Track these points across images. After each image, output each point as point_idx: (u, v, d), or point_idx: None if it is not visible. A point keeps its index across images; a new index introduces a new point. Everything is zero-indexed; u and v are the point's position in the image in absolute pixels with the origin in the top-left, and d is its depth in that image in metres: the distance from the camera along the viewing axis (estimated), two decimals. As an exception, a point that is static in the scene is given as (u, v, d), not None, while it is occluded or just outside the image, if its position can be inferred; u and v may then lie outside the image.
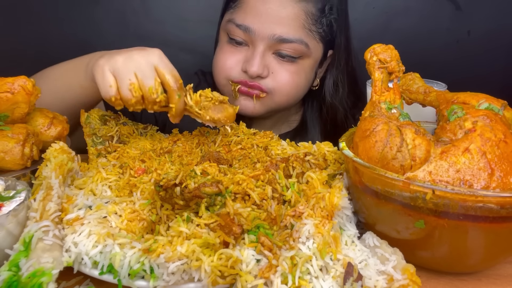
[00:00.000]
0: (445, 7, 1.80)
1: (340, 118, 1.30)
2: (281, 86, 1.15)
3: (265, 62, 1.13)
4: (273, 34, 1.09)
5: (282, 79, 1.15)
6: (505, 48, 1.84)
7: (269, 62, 1.14)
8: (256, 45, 1.12)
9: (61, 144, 0.76)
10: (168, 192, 0.63)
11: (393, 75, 0.75)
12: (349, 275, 0.57)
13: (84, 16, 1.72)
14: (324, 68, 1.29)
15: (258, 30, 1.10)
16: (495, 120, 0.65)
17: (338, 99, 1.29)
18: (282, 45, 1.11)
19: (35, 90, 0.85)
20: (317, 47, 1.18)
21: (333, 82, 1.28)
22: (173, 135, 0.96)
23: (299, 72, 1.17)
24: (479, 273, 0.68)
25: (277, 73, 1.14)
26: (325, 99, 1.29)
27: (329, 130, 1.32)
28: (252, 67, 1.11)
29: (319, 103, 1.33)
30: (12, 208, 0.62)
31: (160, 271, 0.57)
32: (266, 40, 1.10)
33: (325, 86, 1.29)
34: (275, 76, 1.14)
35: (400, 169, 0.62)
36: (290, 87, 1.16)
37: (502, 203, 0.55)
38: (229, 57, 1.16)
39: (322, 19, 1.15)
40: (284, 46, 1.11)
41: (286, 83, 1.15)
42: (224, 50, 1.18)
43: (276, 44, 1.11)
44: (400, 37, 1.76)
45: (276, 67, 1.14)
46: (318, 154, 0.82)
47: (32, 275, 0.52)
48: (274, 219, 0.65)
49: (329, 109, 1.30)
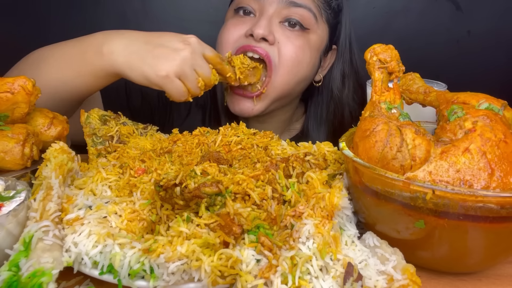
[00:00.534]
0: (445, 7, 1.80)
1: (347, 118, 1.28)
2: (284, 61, 1.11)
3: (272, 28, 1.10)
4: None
5: (287, 51, 1.11)
6: (505, 48, 1.84)
7: (276, 30, 1.11)
8: (265, 10, 1.10)
9: (61, 144, 0.75)
10: (168, 192, 0.63)
11: (393, 75, 0.75)
12: (349, 275, 0.57)
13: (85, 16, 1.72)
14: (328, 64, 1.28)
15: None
16: (495, 120, 0.65)
17: (345, 94, 1.27)
18: (292, 9, 1.10)
19: (35, 90, 0.85)
20: (323, 26, 1.17)
21: (340, 75, 1.26)
22: (173, 135, 0.96)
23: (304, 48, 1.13)
24: (479, 273, 0.68)
25: (283, 44, 1.11)
26: (333, 94, 1.27)
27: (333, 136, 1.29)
28: (258, 28, 1.07)
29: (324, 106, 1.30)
30: (12, 208, 0.62)
31: (160, 271, 0.57)
32: (275, 4, 1.09)
33: (332, 79, 1.27)
34: (280, 46, 1.11)
35: (400, 169, 0.62)
36: (293, 62, 1.12)
37: (502, 203, 0.55)
38: (234, 30, 1.13)
39: (331, 1, 1.16)
40: (294, 11, 1.10)
41: (289, 57, 1.11)
42: (229, 23, 1.16)
43: (285, 8, 1.10)
44: (400, 37, 1.76)
45: (282, 37, 1.11)
46: (318, 154, 0.82)
47: (32, 275, 0.52)
48: (274, 219, 0.65)
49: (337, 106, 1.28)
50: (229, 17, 1.20)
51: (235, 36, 1.12)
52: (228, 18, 1.20)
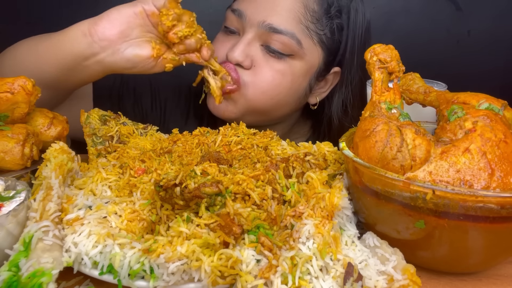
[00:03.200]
0: (445, 7, 1.80)
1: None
2: (259, 82, 1.04)
3: (250, 52, 1.05)
4: (263, 21, 1.02)
5: (263, 75, 1.04)
6: (505, 48, 1.85)
7: (255, 54, 1.05)
8: (245, 32, 1.05)
9: (61, 144, 0.75)
10: (168, 192, 0.63)
11: (393, 75, 0.75)
12: (349, 275, 0.57)
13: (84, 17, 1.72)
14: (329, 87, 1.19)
15: (250, 16, 1.03)
16: (495, 120, 0.65)
17: (347, 121, 1.18)
18: (271, 35, 1.02)
19: (35, 90, 0.85)
20: (313, 49, 1.08)
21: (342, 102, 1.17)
22: (173, 135, 0.96)
23: (285, 73, 1.06)
24: (479, 273, 0.68)
25: (260, 68, 1.04)
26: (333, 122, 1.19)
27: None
28: (233, 52, 1.03)
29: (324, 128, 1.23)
30: (12, 208, 0.62)
31: (160, 271, 0.57)
32: (255, 28, 1.03)
33: (333, 105, 1.18)
34: (256, 70, 1.04)
35: (400, 169, 0.62)
36: (268, 85, 1.05)
37: (502, 203, 0.55)
38: (218, 46, 1.09)
39: (326, 21, 1.07)
40: (273, 38, 1.02)
41: (265, 80, 1.04)
42: (216, 39, 1.13)
43: (265, 33, 1.03)
44: (400, 37, 1.76)
45: (260, 61, 1.05)
46: (318, 154, 0.82)
47: (32, 275, 0.52)
48: (274, 219, 0.65)
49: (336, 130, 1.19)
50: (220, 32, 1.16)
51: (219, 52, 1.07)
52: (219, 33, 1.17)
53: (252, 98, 1.06)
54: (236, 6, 1.09)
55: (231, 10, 1.09)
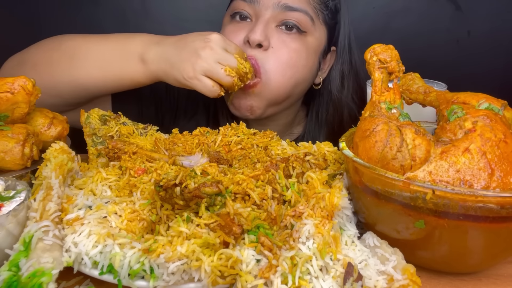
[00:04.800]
0: (445, 7, 1.80)
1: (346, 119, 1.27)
2: (278, 64, 1.10)
3: (268, 32, 1.10)
4: (278, 1, 1.08)
5: (281, 55, 1.10)
6: (505, 48, 1.84)
7: (271, 35, 1.10)
8: (261, 15, 1.10)
9: (61, 144, 0.75)
10: (168, 192, 0.63)
11: (393, 75, 0.75)
12: (349, 275, 0.57)
13: (84, 16, 1.72)
14: (328, 66, 1.27)
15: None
16: (495, 120, 0.65)
17: (345, 94, 1.26)
18: (287, 14, 1.09)
19: (35, 90, 0.85)
20: (321, 28, 1.16)
21: (339, 76, 1.26)
22: (173, 135, 0.96)
23: (300, 50, 1.12)
24: (479, 273, 0.68)
25: (277, 49, 1.10)
26: (332, 95, 1.27)
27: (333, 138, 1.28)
28: (254, 33, 1.07)
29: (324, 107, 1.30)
30: (12, 208, 0.62)
31: (160, 271, 0.57)
32: (271, 9, 1.09)
33: (331, 80, 1.26)
34: (275, 51, 1.10)
35: (400, 169, 0.62)
36: (287, 65, 1.11)
37: (502, 203, 0.55)
38: (233, 37, 1.12)
39: (328, 1, 1.15)
40: (289, 15, 1.09)
41: (284, 60, 1.10)
42: (227, 29, 1.15)
43: (281, 13, 1.09)
44: (400, 37, 1.76)
45: (277, 42, 1.10)
46: (318, 154, 0.82)
47: (32, 275, 0.52)
48: (274, 219, 0.65)
49: (336, 107, 1.27)
50: (226, 23, 1.19)
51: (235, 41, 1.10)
52: (225, 23, 1.19)
53: (274, 83, 1.11)
54: None
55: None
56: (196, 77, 0.96)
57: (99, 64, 1.04)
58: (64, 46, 1.07)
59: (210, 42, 0.97)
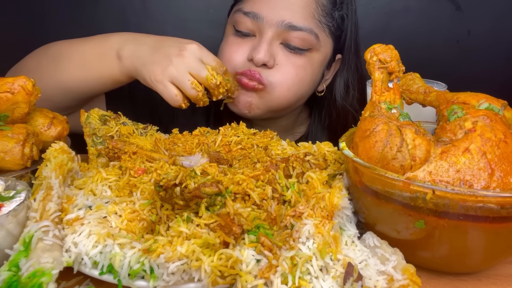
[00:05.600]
0: (445, 7, 1.80)
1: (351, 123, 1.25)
2: (284, 80, 1.10)
3: (272, 51, 1.09)
4: (282, 20, 1.06)
5: (286, 72, 1.10)
6: (505, 48, 1.84)
7: (276, 53, 1.09)
8: (264, 33, 1.08)
9: (61, 144, 0.75)
10: (168, 192, 0.63)
11: (393, 75, 0.75)
12: (349, 275, 0.57)
13: (84, 16, 1.72)
14: (332, 73, 1.26)
15: (267, 17, 1.07)
16: (495, 120, 0.65)
17: (349, 102, 1.25)
18: (290, 33, 1.07)
19: (35, 90, 0.85)
20: (326, 41, 1.15)
21: (344, 84, 1.24)
22: (173, 135, 0.96)
23: (305, 67, 1.12)
24: (479, 273, 0.68)
25: (282, 65, 1.10)
26: (336, 103, 1.26)
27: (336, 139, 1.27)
28: (258, 53, 1.06)
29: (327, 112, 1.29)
30: (12, 208, 0.62)
31: (160, 271, 0.57)
32: (274, 27, 1.07)
33: (336, 88, 1.25)
34: (280, 68, 1.10)
35: (400, 169, 0.62)
36: (293, 81, 1.11)
37: (502, 203, 0.55)
38: (236, 49, 1.12)
39: (333, 12, 1.13)
40: (292, 35, 1.08)
41: (290, 77, 1.10)
42: (230, 42, 1.14)
43: (285, 32, 1.07)
44: (400, 37, 1.76)
45: (282, 59, 1.10)
46: (318, 154, 0.82)
47: (32, 275, 0.52)
48: (274, 219, 0.65)
49: (340, 113, 1.26)
50: (228, 33, 1.17)
51: (237, 60, 1.11)
52: (227, 34, 1.18)
53: (278, 96, 1.12)
54: (249, 8, 1.10)
55: (243, 13, 1.10)
56: (162, 81, 0.95)
57: (80, 64, 1.04)
58: (51, 51, 1.08)
59: (185, 50, 0.95)
